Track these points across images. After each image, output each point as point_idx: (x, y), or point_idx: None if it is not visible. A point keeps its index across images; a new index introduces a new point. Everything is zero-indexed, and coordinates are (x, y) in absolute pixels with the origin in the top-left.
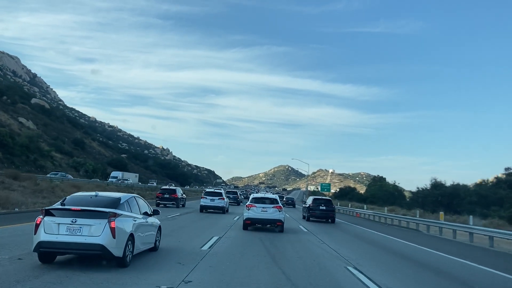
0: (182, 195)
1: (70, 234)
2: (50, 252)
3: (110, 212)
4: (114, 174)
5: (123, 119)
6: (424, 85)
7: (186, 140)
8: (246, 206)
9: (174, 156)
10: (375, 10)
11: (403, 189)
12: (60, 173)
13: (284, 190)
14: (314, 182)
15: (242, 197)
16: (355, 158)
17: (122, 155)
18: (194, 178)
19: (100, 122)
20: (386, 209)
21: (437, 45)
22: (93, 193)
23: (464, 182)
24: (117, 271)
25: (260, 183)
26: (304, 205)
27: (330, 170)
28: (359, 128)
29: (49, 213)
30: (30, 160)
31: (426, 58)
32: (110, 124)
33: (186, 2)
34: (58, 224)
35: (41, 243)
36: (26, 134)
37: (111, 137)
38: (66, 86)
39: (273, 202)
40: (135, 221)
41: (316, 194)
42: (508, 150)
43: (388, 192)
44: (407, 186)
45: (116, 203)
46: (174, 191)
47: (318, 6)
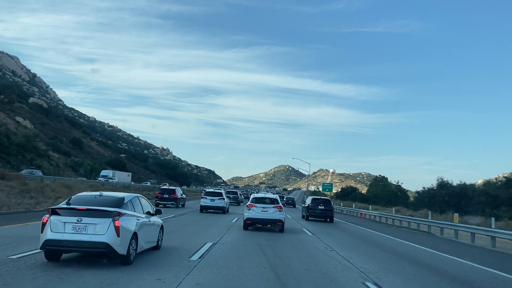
0: (181, 195)
1: (75, 232)
2: (56, 250)
3: (114, 211)
4: (104, 172)
5: (123, 119)
6: (424, 85)
7: (186, 140)
8: (247, 206)
9: (174, 156)
10: (376, 10)
11: (406, 189)
12: (34, 170)
13: (284, 190)
14: (314, 182)
15: (243, 197)
16: (355, 158)
17: (121, 155)
18: (194, 178)
19: (99, 122)
20: (394, 209)
21: (437, 45)
22: (97, 193)
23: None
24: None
25: (260, 183)
26: (303, 204)
27: (331, 170)
28: (359, 128)
29: (55, 212)
30: (26, 159)
31: (426, 58)
32: (110, 124)
33: (187, 2)
34: (64, 223)
35: (47, 241)
36: (22, 133)
37: (111, 137)
38: (66, 86)
39: (273, 202)
40: (138, 220)
41: (317, 194)
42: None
43: (391, 192)
44: (407, 186)
45: (120, 203)
46: (173, 191)
47: (318, 6)
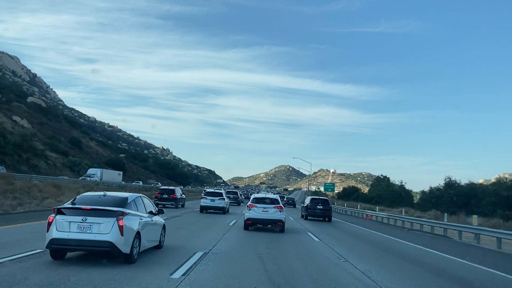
0: (181, 195)
1: (80, 231)
2: (61, 249)
3: (118, 211)
4: (91, 171)
5: (123, 119)
6: (424, 85)
7: (186, 140)
8: (247, 206)
9: (174, 156)
10: (376, 10)
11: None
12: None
13: (285, 190)
14: (315, 182)
15: (243, 197)
16: (356, 158)
17: (121, 155)
18: (194, 178)
19: (99, 122)
20: (404, 210)
21: (437, 45)
22: (101, 193)
23: (473, 182)
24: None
25: (261, 183)
26: (302, 204)
27: (331, 170)
28: (360, 128)
29: (60, 212)
30: (23, 159)
31: (426, 58)
32: (110, 124)
33: (187, 2)
34: (69, 222)
35: (53, 240)
36: (19, 133)
37: (111, 137)
38: (66, 86)
39: (274, 202)
40: (141, 219)
41: (318, 194)
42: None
43: (394, 192)
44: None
45: (123, 203)
46: (173, 191)
47: (318, 6)
